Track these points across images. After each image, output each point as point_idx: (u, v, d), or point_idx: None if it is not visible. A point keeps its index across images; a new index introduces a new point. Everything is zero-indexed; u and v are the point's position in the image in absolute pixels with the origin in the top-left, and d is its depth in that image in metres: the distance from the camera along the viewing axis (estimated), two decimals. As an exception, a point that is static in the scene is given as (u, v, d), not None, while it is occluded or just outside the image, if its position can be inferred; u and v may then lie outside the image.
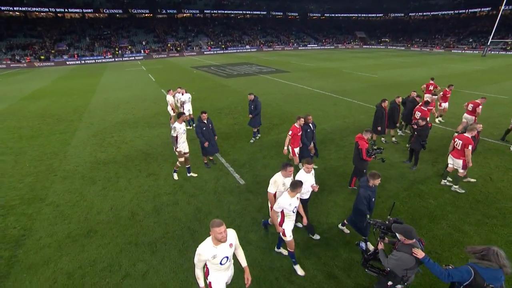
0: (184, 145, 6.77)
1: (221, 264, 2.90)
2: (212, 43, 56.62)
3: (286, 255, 4.54)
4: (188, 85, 17.93)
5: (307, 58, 40.13)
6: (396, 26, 76.57)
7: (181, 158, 6.83)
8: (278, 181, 4.28)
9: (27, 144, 9.73)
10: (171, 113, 10.60)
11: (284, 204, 3.79)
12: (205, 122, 7.00)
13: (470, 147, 5.72)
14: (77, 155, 8.68)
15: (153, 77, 25.09)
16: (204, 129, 6.94)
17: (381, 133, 8.41)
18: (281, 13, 77.26)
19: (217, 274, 3.03)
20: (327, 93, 16.38)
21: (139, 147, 9.18)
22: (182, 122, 6.66)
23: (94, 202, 6.17)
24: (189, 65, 33.69)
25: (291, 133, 6.47)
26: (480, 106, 8.66)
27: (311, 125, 6.73)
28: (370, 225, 3.57)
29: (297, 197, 3.86)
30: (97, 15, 57.16)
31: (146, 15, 61.55)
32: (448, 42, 59.06)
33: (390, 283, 3.28)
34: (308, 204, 4.93)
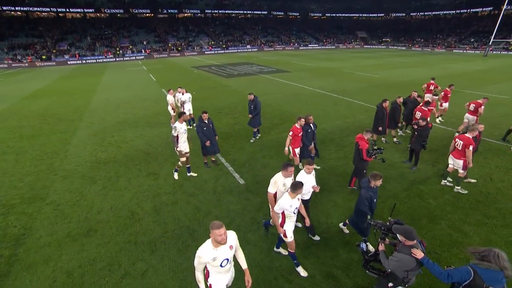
0: (184, 145, 6.78)
1: (221, 266, 2.88)
2: (213, 43, 56.61)
3: (285, 255, 4.54)
4: (188, 84, 17.93)
5: (308, 58, 40.07)
6: (397, 26, 76.34)
7: (183, 158, 6.85)
8: (278, 181, 4.27)
9: (28, 143, 9.77)
10: (172, 112, 10.62)
11: (284, 205, 3.77)
12: (206, 122, 7.02)
13: (471, 147, 5.69)
14: (78, 154, 8.70)
15: (154, 77, 25.11)
16: (205, 129, 6.96)
17: (382, 133, 8.41)
18: (282, 13, 77.17)
19: (217, 276, 3.02)
20: (328, 93, 16.36)
21: (139, 146, 9.20)
22: (182, 121, 6.68)
23: (94, 201, 6.19)
24: (190, 65, 33.69)
25: (291, 133, 6.45)
26: (482, 106, 8.64)
27: (312, 125, 6.70)
28: (370, 226, 3.56)
29: (298, 198, 3.85)
30: (98, 15, 57.27)
31: (147, 15, 61.61)
32: (449, 42, 58.81)
33: (390, 284, 3.27)
34: (309, 204, 4.91)
